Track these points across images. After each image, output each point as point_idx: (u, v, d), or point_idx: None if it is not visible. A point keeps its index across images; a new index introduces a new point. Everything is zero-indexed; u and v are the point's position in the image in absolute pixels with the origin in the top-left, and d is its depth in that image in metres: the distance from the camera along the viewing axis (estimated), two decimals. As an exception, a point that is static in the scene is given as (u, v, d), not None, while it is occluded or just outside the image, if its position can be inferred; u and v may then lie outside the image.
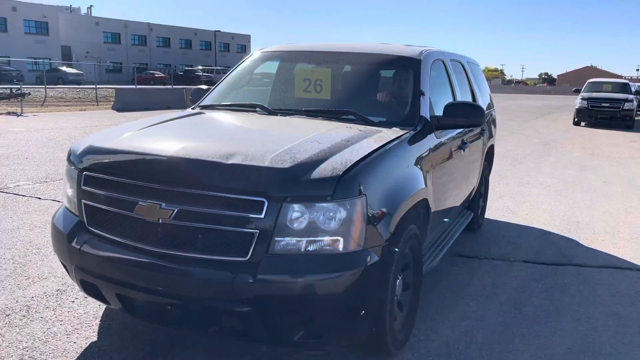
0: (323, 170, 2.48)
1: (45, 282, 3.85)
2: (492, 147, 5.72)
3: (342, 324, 2.58)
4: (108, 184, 2.72)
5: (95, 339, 3.09)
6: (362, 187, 2.49)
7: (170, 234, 2.52)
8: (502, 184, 8.20)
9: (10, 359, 2.84)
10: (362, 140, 2.92)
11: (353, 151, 2.71)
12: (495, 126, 6.07)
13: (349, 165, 2.54)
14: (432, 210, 3.39)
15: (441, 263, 4.46)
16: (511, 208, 6.70)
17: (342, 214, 2.43)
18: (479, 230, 5.58)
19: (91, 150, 2.89)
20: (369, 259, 2.51)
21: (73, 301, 3.55)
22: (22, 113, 18.42)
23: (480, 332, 3.36)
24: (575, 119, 20.15)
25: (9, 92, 21.14)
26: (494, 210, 6.49)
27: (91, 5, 75.42)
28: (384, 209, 2.62)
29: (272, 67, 4.39)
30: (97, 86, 28.61)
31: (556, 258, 4.85)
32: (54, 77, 41.68)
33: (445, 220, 4.10)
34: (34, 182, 7.10)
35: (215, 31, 78.51)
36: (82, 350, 2.96)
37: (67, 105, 23.52)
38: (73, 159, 2.95)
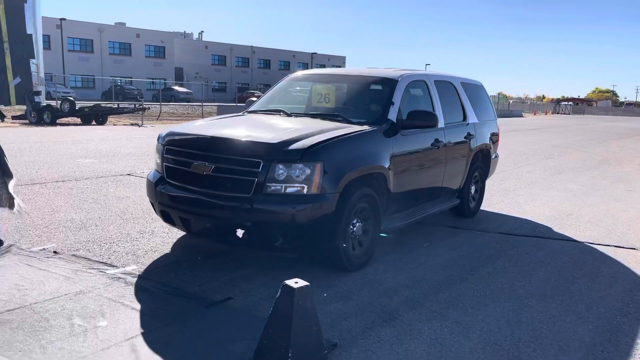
0: (297, 145, 4.20)
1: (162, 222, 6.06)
2: (486, 152, 7.07)
3: (305, 238, 4.29)
4: (178, 152, 4.64)
5: (180, 252, 5.19)
6: (320, 156, 4.18)
7: (210, 180, 4.34)
8: (528, 188, 9.44)
9: (144, 249, 4.99)
10: (332, 130, 4.61)
11: (321, 135, 4.40)
12: (493, 139, 7.38)
13: (313, 143, 4.23)
14: (392, 184, 4.90)
15: (429, 230, 6.13)
16: (520, 203, 8.05)
17: (306, 171, 4.13)
18: (476, 215, 7.07)
19: (170, 134, 4.87)
20: (324, 200, 4.18)
21: (177, 232, 5.70)
22: (142, 124, 22.20)
23: (431, 261, 5.02)
24: (655, 140, 20.07)
25: (132, 107, 25.24)
26: (504, 205, 7.88)
27: (202, 31, 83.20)
28: (336, 171, 4.25)
29: (304, 85, 6.24)
30: (204, 104, 32.56)
31: (526, 232, 6.28)
32: (167, 95, 47.03)
33: (415, 197, 5.58)
34: (153, 171, 9.65)
35: (312, 53, 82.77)
36: (170, 250, 5.06)
37: (178, 119, 27.30)
38: (160, 139, 4.94)
